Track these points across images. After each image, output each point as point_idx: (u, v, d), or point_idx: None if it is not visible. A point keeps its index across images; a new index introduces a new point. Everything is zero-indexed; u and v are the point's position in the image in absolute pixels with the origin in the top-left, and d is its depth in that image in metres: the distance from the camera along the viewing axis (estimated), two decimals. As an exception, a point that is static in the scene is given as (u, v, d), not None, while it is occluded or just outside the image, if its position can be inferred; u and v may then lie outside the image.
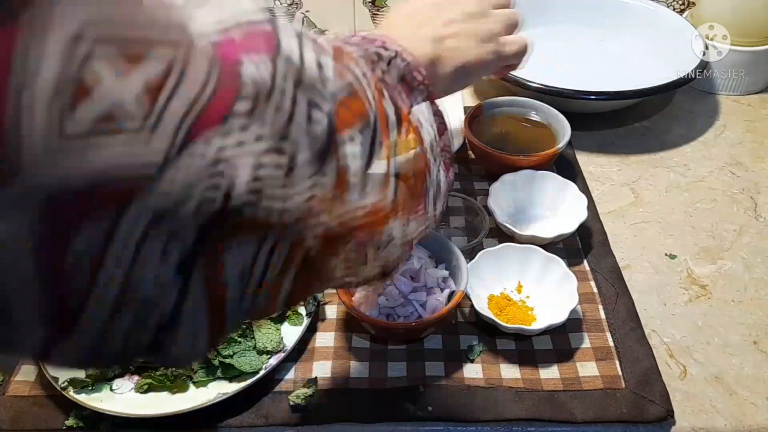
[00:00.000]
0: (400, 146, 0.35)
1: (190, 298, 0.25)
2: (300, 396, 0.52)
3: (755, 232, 0.68)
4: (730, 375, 0.54)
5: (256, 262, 0.28)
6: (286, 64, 0.26)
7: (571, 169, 0.75)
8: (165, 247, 0.23)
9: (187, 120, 0.22)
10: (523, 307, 0.58)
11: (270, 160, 0.25)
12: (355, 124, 0.30)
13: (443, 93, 0.52)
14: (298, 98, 0.26)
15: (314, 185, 0.28)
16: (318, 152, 0.28)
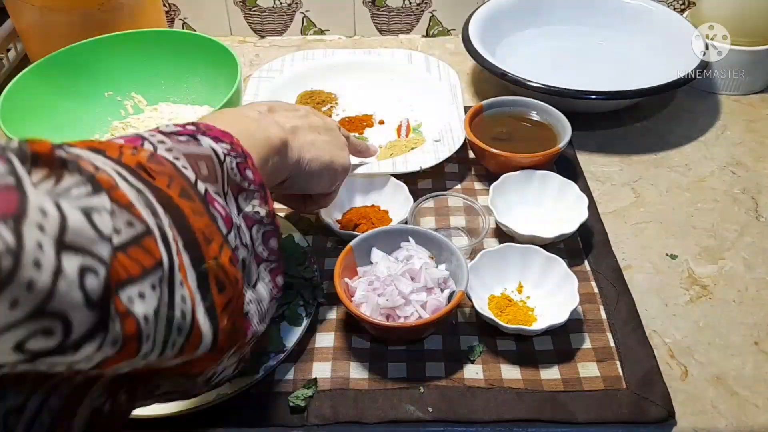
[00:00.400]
0: (211, 278, 0.32)
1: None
2: (300, 396, 0.51)
3: (756, 232, 0.68)
4: (732, 375, 0.54)
5: (27, 405, 0.26)
6: (39, 227, 0.22)
7: (572, 169, 0.74)
8: None
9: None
10: (523, 307, 0.58)
11: (35, 341, 0.22)
12: (143, 275, 0.27)
13: (287, 187, 0.52)
14: (63, 265, 0.22)
15: (100, 351, 0.25)
16: (96, 321, 0.24)
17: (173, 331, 0.29)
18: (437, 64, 0.87)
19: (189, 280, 0.30)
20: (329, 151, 0.53)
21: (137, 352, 0.27)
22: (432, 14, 1.02)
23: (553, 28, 0.96)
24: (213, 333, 0.32)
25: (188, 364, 0.33)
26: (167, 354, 0.29)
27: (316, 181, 0.53)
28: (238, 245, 0.38)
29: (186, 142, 0.38)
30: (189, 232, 0.31)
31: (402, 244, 0.60)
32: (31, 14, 0.80)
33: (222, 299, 0.32)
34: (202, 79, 0.82)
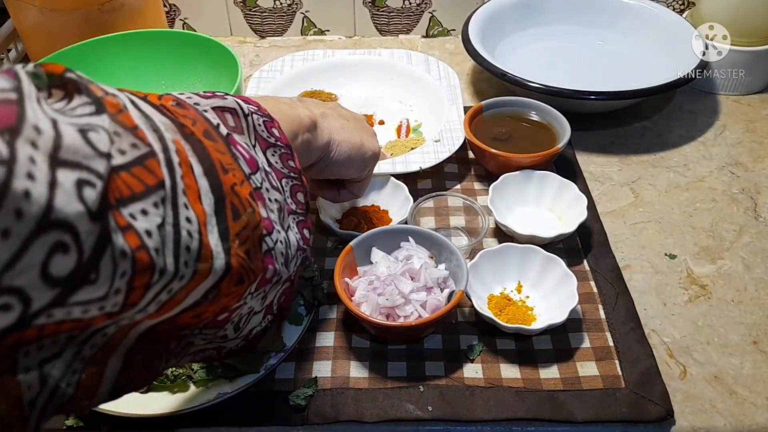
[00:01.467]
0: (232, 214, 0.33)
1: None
2: (300, 395, 0.52)
3: (755, 232, 0.68)
4: (730, 375, 0.54)
5: (63, 353, 0.28)
6: (32, 143, 0.22)
7: (571, 169, 0.75)
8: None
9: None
10: (523, 306, 0.58)
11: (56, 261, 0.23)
12: (146, 193, 0.28)
13: (317, 172, 0.53)
14: (58, 178, 0.23)
15: (118, 271, 0.26)
16: (100, 232, 0.25)
17: (182, 250, 0.29)
18: (437, 64, 0.88)
19: (204, 204, 0.31)
20: (359, 134, 0.54)
21: (152, 269, 0.27)
22: (432, 14, 1.02)
23: (553, 28, 0.96)
24: (226, 254, 0.32)
25: (212, 301, 0.33)
26: (183, 274, 0.30)
27: (347, 164, 0.53)
28: (268, 187, 0.39)
29: (212, 97, 0.40)
30: (207, 161, 0.33)
31: (402, 243, 0.60)
32: (31, 14, 0.80)
33: (236, 226, 0.33)
34: (203, 80, 0.83)
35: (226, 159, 0.35)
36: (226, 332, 0.39)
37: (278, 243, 0.39)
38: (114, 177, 0.26)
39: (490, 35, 0.89)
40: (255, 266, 0.36)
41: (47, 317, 0.24)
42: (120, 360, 0.32)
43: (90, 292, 0.25)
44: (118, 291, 0.27)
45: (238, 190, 0.35)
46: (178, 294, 0.31)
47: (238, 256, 0.34)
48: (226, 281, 0.33)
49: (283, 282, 0.41)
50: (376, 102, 0.86)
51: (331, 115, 0.53)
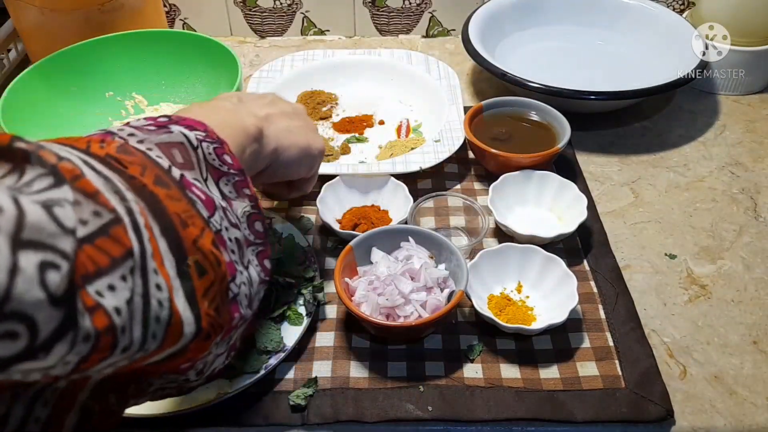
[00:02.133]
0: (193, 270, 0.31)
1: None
2: (300, 395, 0.52)
3: (755, 232, 0.68)
4: (730, 375, 0.54)
5: (11, 413, 0.26)
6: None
7: (571, 169, 0.75)
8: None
9: None
10: (523, 306, 0.58)
11: (1, 348, 0.22)
12: (112, 266, 0.26)
13: (268, 176, 0.51)
14: (20, 263, 0.21)
15: (73, 350, 0.24)
16: (63, 318, 0.23)
17: (151, 322, 0.28)
18: (437, 64, 0.88)
19: (167, 266, 0.29)
20: (305, 135, 0.53)
21: (114, 347, 0.26)
22: (432, 14, 1.02)
23: (553, 28, 0.96)
24: (195, 319, 0.31)
25: (176, 357, 0.32)
26: (149, 346, 0.28)
27: (296, 167, 0.53)
28: (228, 226, 0.37)
29: (157, 131, 0.37)
30: (164, 217, 0.31)
31: (402, 243, 0.60)
32: (31, 14, 0.80)
33: (203, 283, 0.32)
34: (203, 80, 0.83)
35: (182, 207, 0.33)
36: (188, 377, 0.37)
37: (242, 286, 0.37)
38: (77, 252, 0.24)
39: (490, 35, 0.89)
40: (223, 320, 0.34)
41: None
42: (76, 416, 0.30)
43: (34, 364, 0.23)
44: (67, 363, 0.25)
45: (201, 243, 0.32)
46: (139, 360, 0.29)
47: (209, 316, 0.32)
48: (194, 342, 0.32)
49: (243, 322, 0.39)
50: (376, 102, 0.86)
51: (275, 117, 0.51)
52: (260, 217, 0.42)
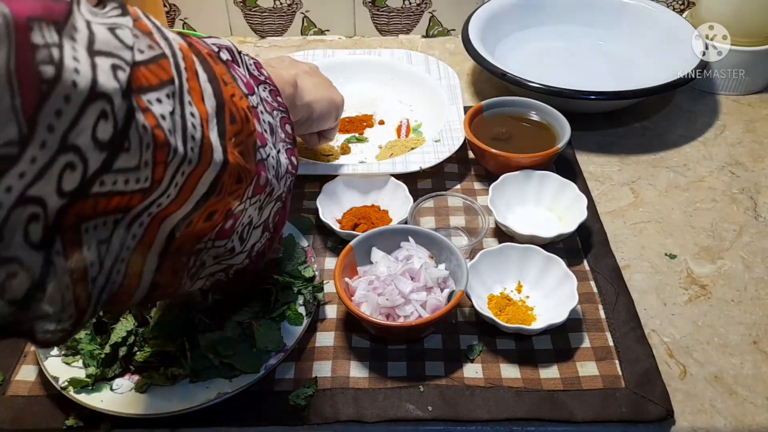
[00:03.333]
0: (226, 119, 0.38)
1: (53, 272, 0.29)
2: (300, 395, 0.52)
3: (755, 231, 0.68)
4: (730, 375, 0.55)
5: (112, 238, 0.33)
6: (71, 37, 0.27)
7: (571, 169, 0.75)
8: (26, 226, 0.27)
9: (15, 102, 0.24)
10: (522, 306, 0.58)
11: (101, 127, 0.28)
12: (160, 86, 0.33)
13: (303, 128, 0.62)
14: (97, 62, 0.28)
15: (142, 142, 0.31)
16: (127, 107, 0.30)
17: (188, 137, 0.34)
18: (437, 64, 0.88)
19: (207, 105, 0.36)
20: (329, 90, 0.63)
21: (168, 147, 0.32)
22: (432, 14, 1.02)
23: (553, 28, 0.96)
24: (223, 151, 0.37)
25: (218, 196, 0.38)
26: (192, 158, 0.34)
27: (326, 117, 0.63)
28: (263, 110, 0.45)
29: (208, 37, 0.45)
30: (210, 71, 0.38)
31: (402, 243, 0.60)
32: (31, 14, 0.80)
33: (232, 129, 0.38)
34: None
35: (226, 77, 0.40)
36: (234, 244, 0.44)
37: (270, 157, 0.44)
38: (135, 70, 0.31)
39: (490, 35, 0.89)
40: (250, 168, 0.41)
41: (100, 185, 0.29)
42: (155, 260, 0.37)
43: (126, 160, 0.30)
44: (147, 164, 0.31)
45: (236, 101, 0.40)
46: (189, 179, 0.35)
47: (234, 155, 0.38)
48: (226, 175, 0.38)
49: (275, 199, 0.47)
50: (376, 102, 0.86)
51: (301, 75, 0.59)
52: (290, 122, 0.50)
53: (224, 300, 0.55)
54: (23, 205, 0.26)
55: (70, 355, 0.53)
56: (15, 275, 0.27)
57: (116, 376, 0.52)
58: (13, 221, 0.26)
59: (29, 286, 0.28)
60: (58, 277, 0.30)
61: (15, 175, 0.25)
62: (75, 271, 0.31)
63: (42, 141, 0.26)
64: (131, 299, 0.37)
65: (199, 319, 0.54)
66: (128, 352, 0.53)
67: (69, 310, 0.31)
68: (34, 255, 0.28)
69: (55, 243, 0.29)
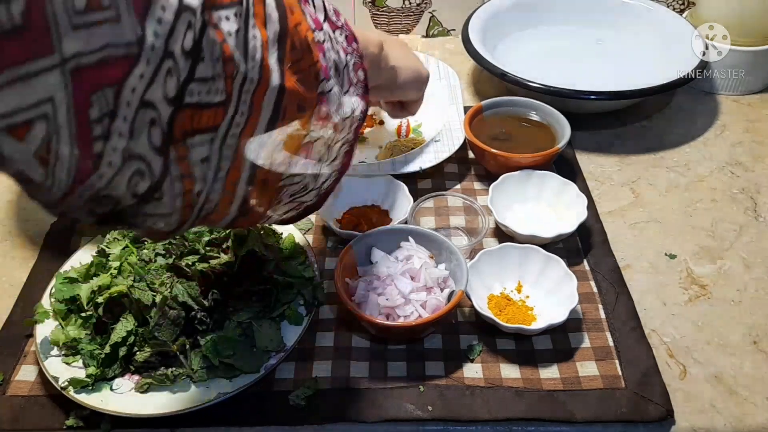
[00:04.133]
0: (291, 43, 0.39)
1: (169, 174, 0.33)
2: (300, 395, 0.52)
3: (755, 231, 0.68)
4: (730, 375, 0.54)
5: (211, 157, 0.36)
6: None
7: (571, 169, 0.75)
8: (149, 130, 0.31)
9: None
10: (522, 306, 0.58)
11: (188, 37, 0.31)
12: (230, 4, 0.34)
13: (385, 93, 0.61)
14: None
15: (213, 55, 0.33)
16: (202, 24, 0.32)
17: (249, 57, 0.36)
18: (437, 64, 0.88)
19: (268, 30, 0.37)
20: (416, 61, 0.62)
21: (233, 60, 0.34)
22: (432, 14, 1.02)
23: (553, 28, 0.96)
24: (281, 76, 0.38)
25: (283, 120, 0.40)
26: (253, 77, 0.36)
27: (410, 87, 0.61)
28: (329, 48, 0.45)
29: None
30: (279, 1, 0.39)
31: (402, 243, 0.60)
32: (31, 14, 0.80)
33: (292, 56, 0.39)
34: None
35: (295, 8, 0.41)
36: (307, 181, 0.46)
37: (332, 92, 0.45)
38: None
39: (490, 35, 0.89)
40: (310, 96, 0.42)
41: (190, 96, 0.32)
42: (243, 189, 0.40)
43: (203, 69, 0.32)
44: (219, 76, 0.34)
45: (300, 30, 0.40)
46: (254, 98, 0.37)
47: (291, 81, 0.39)
48: (286, 100, 0.39)
49: (341, 139, 0.48)
50: (376, 102, 0.86)
51: (390, 44, 0.58)
52: (363, 68, 0.50)
53: (224, 300, 0.55)
54: (144, 108, 0.30)
55: (70, 355, 0.53)
56: (141, 172, 0.31)
57: (116, 376, 0.52)
58: (139, 121, 0.30)
59: (150, 184, 0.32)
60: (173, 183, 0.34)
61: (137, 75, 0.29)
62: (186, 181, 0.34)
63: (152, 45, 0.29)
64: (222, 220, 0.41)
65: (199, 319, 0.54)
66: (128, 352, 0.53)
67: (176, 215, 0.36)
68: (156, 157, 0.32)
69: (171, 152, 0.33)
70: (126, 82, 0.29)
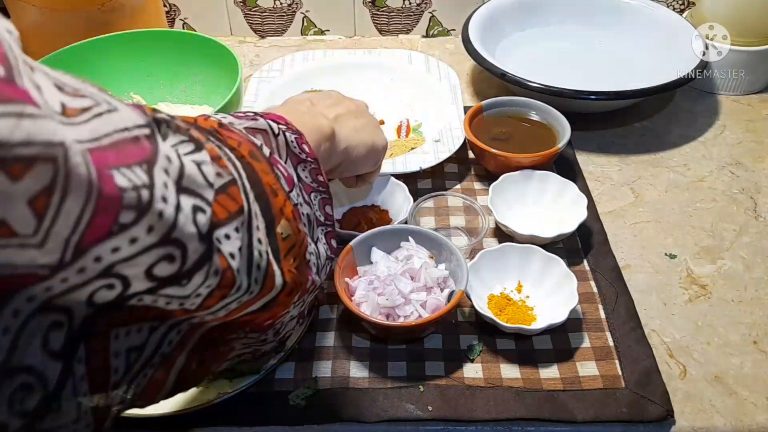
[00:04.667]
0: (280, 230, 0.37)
1: (71, 381, 0.27)
2: (300, 396, 0.52)
3: (755, 231, 0.68)
4: (730, 375, 0.54)
5: (146, 345, 0.31)
6: (165, 171, 0.27)
7: (571, 169, 0.75)
8: (47, 334, 0.25)
9: (74, 237, 0.23)
10: (523, 306, 0.58)
11: (161, 266, 0.27)
12: (229, 219, 0.31)
13: (339, 172, 0.57)
14: (181, 203, 0.27)
15: (205, 283, 0.30)
16: (204, 251, 0.29)
17: (254, 269, 0.33)
18: (437, 64, 0.88)
19: (259, 227, 0.34)
20: (371, 134, 0.58)
21: (233, 286, 0.31)
22: (432, 14, 1.02)
23: (553, 28, 0.96)
24: (281, 273, 0.36)
25: (265, 310, 0.37)
26: (253, 289, 0.33)
27: (363, 162, 0.58)
28: (301, 203, 0.43)
29: (244, 118, 0.43)
30: (259, 186, 0.36)
31: (402, 243, 0.60)
32: (31, 14, 0.80)
33: (286, 245, 0.37)
34: (203, 80, 0.83)
35: (271, 180, 0.37)
36: (267, 336, 0.43)
37: (311, 256, 0.42)
38: (213, 203, 0.30)
39: (490, 35, 0.89)
40: (302, 279, 0.39)
41: (137, 300, 0.28)
42: (183, 359, 0.35)
43: (177, 290, 0.29)
44: (199, 296, 0.30)
45: (285, 211, 0.37)
46: (244, 304, 0.34)
47: (291, 273, 0.37)
48: (281, 294, 0.36)
49: (316, 289, 0.44)
50: (376, 102, 0.86)
51: (344, 117, 0.55)
52: (329, 201, 0.48)
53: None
54: (46, 313, 0.25)
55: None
56: (29, 386, 0.25)
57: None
58: (31, 329, 0.24)
59: (42, 397, 0.26)
60: (76, 386, 0.28)
61: (41, 288, 0.24)
62: (97, 378, 0.29)
63: (81, 267, 0.24)
64: (154, 399, 0.35)
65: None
66: (128, 352, 0.53)
67: (85, 419, 0.29)
68: (52, 363, 0.26)
69: (78, 350, 0.27)
70: (16, 294, 0.23)
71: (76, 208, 0.22)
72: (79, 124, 0.24)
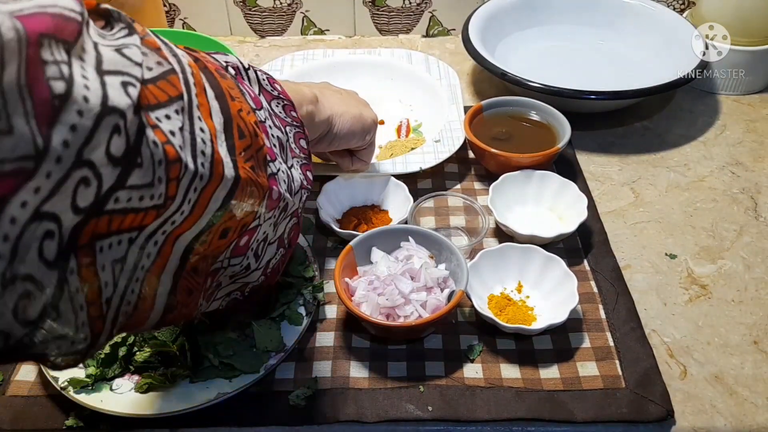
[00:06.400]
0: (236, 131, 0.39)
1: (67, 291, 0.29)
2: (300, 396, 0.52)
3: (755, 231, 0.68)
4: (731, 375, 0.54)
5: (127, 257, 0.32)
6: (80, 57, 0.27)
7: (571, 169, 0.75)
8: (41, 243, 0.27)
9: (30, 119, 0.24)
10: (523, 306, 0.58)
11: (114, 142, 0.28)
12: (168, 102, 0.33)
13: (327, 144, 0.58)
14: (106, 80, 0.28)
15: (154, 159, 0.31)
16: (137, 123, 0.30)
17: (198, 153, 0.34)
18: (437, 64, 0.88)
19: (215, 120, 0.36)
20: (356, 105, 0.59)
21: (179, 161, 0.32)
22: (432, 14, 1.02)
23: (553, 28, 0.96)
24: (234, 166, 0.37)
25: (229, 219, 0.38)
26: (203, 174, 0.34)
27: (351, 134, 0.58)
28: (271, 125, 0.44)
29: (215, 54, 0.45)
30: (218, 88, 0.38)
31: (402, 243, 0.60)
32: (31, 14, 0.80)
33: (242, 144, 0.39)
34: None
35: (234, 92, 0.40)
36: (249, 261, 0.44)
37: (280, 172, 0.44)
38: (143, 88, 0.31)
39: (490, 35, 0.89)
40: (262, 182, 0.40)
41: (114, 202, 0.29)
42: (169, 280, 0.37)
43: (140, 176, 0.30)
44: (160, 180, 0.31)
45: (244, 115, 0.40)
46: (202, 195, 0.35)
47: (245, 169, 0.38)
48: (238, 192, 0.38)
49: (289, 214, 0.46)
50: (376, 102, 0.85)
51: (328, 91, 0.57)
52: (305, 137, 0.50)
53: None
54: (38, 221, 0.26)
55: (70, 355, 0.53)
56: (29, 294, 0.27)
57: (116, 376, 0.52)
58: (27, 237, 0.26)
59: (43, 306, 0.28)
60: (72, 297, 0.29)
61: (30, 190, 0.25)
62: (89, 291, 0.30)
63: (57, 156, 0.26)
64: (146, 322, 0.37)
65: (199, 319, 0.54)
66: (128, 352, 0.53)
67: (83, 331, 0.31)
68: (49, 273, 0.27)
69: (70, 261, 0.29)
70: (12, 199, 0.25)
71: (13, 74, 0.23)
72: None
